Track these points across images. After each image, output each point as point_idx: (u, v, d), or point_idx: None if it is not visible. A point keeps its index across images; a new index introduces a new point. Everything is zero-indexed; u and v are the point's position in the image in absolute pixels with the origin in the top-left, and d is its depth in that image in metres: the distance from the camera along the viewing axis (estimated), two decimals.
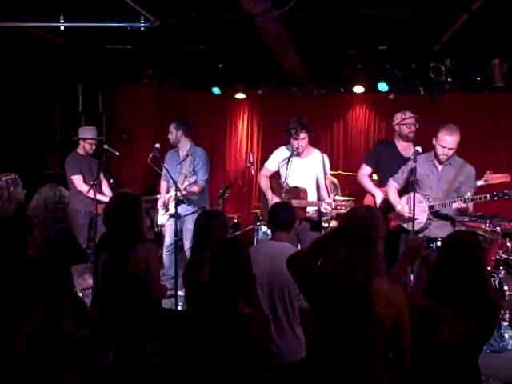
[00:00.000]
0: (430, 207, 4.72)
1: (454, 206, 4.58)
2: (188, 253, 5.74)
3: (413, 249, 3.09)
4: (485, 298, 2.64)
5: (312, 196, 5.37)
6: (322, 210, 5.17)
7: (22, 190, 4.41)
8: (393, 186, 5.09)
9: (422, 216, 4.72)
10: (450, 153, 4.72)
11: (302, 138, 5.25)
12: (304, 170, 5.40)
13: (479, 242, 2.86)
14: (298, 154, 5.33)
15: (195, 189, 5.97)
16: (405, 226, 4.88)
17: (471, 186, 4.81)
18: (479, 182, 4.66)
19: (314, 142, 5.56)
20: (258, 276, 3.28)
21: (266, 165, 5.66)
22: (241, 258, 2.65)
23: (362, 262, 2.51)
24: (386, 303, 2.49)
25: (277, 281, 3.37)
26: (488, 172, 4.67)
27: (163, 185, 6.27)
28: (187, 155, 6.07)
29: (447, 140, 4.68)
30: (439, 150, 4.73)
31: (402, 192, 5.04)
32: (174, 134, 6.10)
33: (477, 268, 2.66)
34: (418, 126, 5.51)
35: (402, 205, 4.91)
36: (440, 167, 4.83)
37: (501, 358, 4.77)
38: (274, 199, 5.39)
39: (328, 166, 5.42)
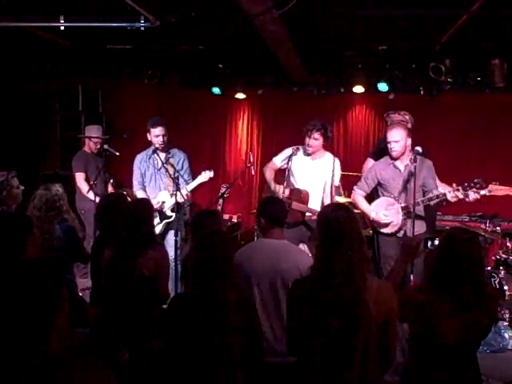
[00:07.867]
0: (404, 208, 4.76)
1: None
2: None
3: (409, 248, 3.14)
4: (482, 294, 2.65)
5: (315, 200, 5.28)
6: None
7: (17, 188, 4.39)
8: (359, 194, 5.09)
9: (396, 218, 4.82)
10: (397, 146, 4.78)
11: (315, 138, 5.20)
12: (313, 171, 5.34)
13: (476, 238, 2.86)
14: (309, 155, 5.31)
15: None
16: (383, 230, 4.92)
17: (433, 177, 4.85)
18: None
19: None
20: (257, 275, 3.25)
21: (274, 159, 5.58)
22: (225, 242, 2.74)
23: (341, 260, 2.45)
24: (376, 300, 2.46)
25: (280, 280, 3.26)
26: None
27: (141, 194, 5.58)
28: (168, 158, 5.55)
29: (390, 134, 4.83)
30: (388, 147, 4.84)
31: (368, 198, 5.09)
32: (166, 136, 5.55)
33: (474, 264, 2.67)
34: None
35: (375, 212, 4.93)
36: (402, 168, 4.85)
37: (501, 358, 4.78)
38: (279, 189, 5.28)
39: (338, 172, 5.35)
